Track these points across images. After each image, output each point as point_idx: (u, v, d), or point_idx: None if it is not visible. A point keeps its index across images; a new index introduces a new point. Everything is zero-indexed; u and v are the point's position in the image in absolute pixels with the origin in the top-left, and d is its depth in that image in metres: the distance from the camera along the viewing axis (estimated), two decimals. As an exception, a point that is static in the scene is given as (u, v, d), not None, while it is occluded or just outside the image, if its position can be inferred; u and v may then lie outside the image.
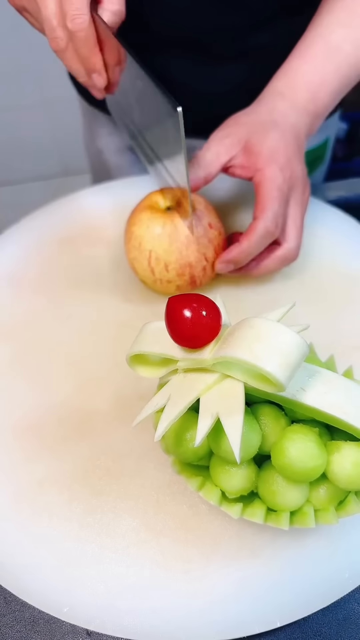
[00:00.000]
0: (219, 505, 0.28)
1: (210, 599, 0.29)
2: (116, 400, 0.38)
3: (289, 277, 0.46)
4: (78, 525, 0.32)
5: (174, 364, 0.27)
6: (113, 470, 0.34)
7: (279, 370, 0.23)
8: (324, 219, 0.51)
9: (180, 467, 0.30)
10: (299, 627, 0.29)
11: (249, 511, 0.28)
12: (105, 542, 0.31)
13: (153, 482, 0.33)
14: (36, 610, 0.30)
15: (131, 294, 0.45)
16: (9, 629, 0.30)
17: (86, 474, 0.34)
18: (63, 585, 0.30)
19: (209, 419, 0.25)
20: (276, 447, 0.26)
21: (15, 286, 0.46)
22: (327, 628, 0.29)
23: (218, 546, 0.31)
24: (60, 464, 0.35)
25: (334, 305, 0.43)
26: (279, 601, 0.29)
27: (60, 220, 0.52)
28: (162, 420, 0.26)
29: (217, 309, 0.26)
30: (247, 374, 0.25)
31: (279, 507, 0.27)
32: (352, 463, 0.25)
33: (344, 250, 0.48)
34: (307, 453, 0.25)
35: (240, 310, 0.43)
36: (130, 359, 0.29)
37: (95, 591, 0.30)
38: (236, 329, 0.25)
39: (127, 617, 0.29)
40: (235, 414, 0.24)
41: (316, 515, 0.27)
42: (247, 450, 0.26)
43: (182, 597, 0.29)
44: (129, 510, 0.32)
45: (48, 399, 0.38)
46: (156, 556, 0.31)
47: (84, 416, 0.37)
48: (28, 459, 0.35)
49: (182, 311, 0.25)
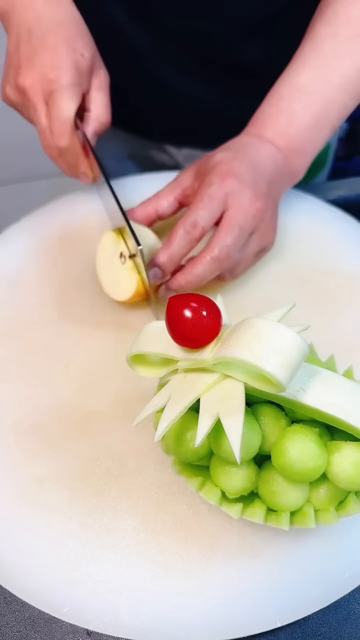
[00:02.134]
0: (219, 505, 0.28)
1: (210, 599, 0.29)
2: (116, 400, 0.38)
3: (288, 277, 0.46)
4: (78, 525, 0.32)
5: (174, 364, 0.27)
6: (113, 470, 0.34)
7: (279, 370, 0.23)
8: (324, 219, 0.51)
9: (180, 467, 0.30)
10: (299, 627, 0.29)
11: (249, 511, 0.28)
12: (105, 542, 0.31)
13: (153, 482, 0.33)
14: (36, 610, 0.30)
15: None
16: (9, 629, 0.30)
17: (86, 473, 0.34)
18: (63, 585, 0.30)
19: (209, 419, 0.25)
20: (276, 447, 0.26)
21: (15, 286, 0.46)
22: (327, 628, 0.30)
23: (218, 546, 0.31)
24: (60, 464, 0.35)
25: (334, 305, 0.43)
26: (279, 601, 0.29)
27: (60, 220, 0.52)
28: (162, 420, 0.25)
29: (218, 309, 0.26)
30: (247, 374, 0.25)
31: (279, 507, 0.27)
32: (352, 463, 0.25)
33: (344, 250, 0.48)
34: (307, 453, 0.25)
35: (240, 310, 0.43)
36: (131, 359, 0.29)
37: (95, 591, 0.30)
38: (236, 329, 0.25)
39: (127, 617, 0.29)
40: (235, 414, 0.24)
41: (316, 515, 0.27)
42: (247, 451, 0.26)
43: (182, 597, 0.29)
44: (129, 510, 0.32)
45: (48, 399, 0.38)
46: (156, 556, 0.31)
47: (84, 416, 0.37)
48: (28, 459, 0.35)
49: (183, 311, 0.25)
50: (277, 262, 0.47)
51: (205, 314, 0.25)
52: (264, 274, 0.46)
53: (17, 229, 0.52)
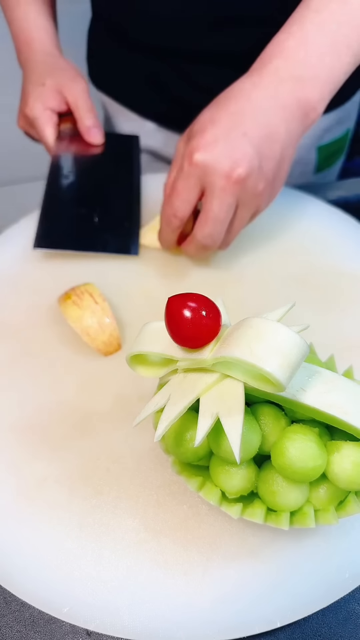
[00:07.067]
0: (219, 505, 0.28)
1: (210, 599, 0.29)
2: (116, 400, 0.38)
3: (289, 277, 0.46)
4: (78, 525, 0.32)
5: (174, 364, 0.27)
6: (113, 470, 0.34)
7: (279, 370, 0.23)
8: (324, 219, 0.51)
9: (180, 467, 0.30)
10: (299, 627, 0.29)
11: (249, 511, 0.28)
12: (105, 542, 0.31)
13: (153, 482, 0.33)
14: (36, 610, 0.30)
15: (131, 293, 0.45)
16: (9, 629, 0.30)
17: (86, 473, 0.34)
18: (63, 585, 0.30)
19: (209, 419, 0.25)
20: (276, 447, 0.26)
21: (15, 286, 0.46)
22: (327, 628, 0.29)
23: (218, 546, 0.31)
24: (60, 464, 0.35)
25: (334, 305, 0.43)
26: (279, 601, 0.29)
27: (60, 220, 0.52)
28: (162, 420, 0.25)
29: (217, 309, 0.26)
30: (247, 374, 0.25)
31: (279, 507, 0.27)
32: (352, 463, 0.25)
33: (344, 250, 0.48)
34: (307, 453, 0.25)
35: (241, 310, 0.43)
36: (130, 359, 0.29)
37: (95, 591, 0.30)
38: (236, 329, 0.25)
39: (127, 617, 0.29)
40: (235, 414, 0.24)
41: (316, 515, 0.27)
42: (247, 451, 0.26)
43: (182, 597, 0.29)
44: (129, 510, 0.32)
45: (48, 399, 0.38)
46: (156, 556, 0.31)
47: (84, 416, 0.37)
48: (28, 459, 0.35)
49: (182, 311, 0.25)
50: (277, 262, 0.47)
51: (205, 313, 0.25)
52: (264, 274, 0.46)
53: (17, 230, 0.52)
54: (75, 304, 0.40)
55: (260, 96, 0.38)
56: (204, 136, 0.38)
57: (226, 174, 0.37)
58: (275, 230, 0.50)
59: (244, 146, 0.37)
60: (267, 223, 0.50)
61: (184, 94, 0.58)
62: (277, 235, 0.49)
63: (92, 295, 0.41)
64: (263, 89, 0.38)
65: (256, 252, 0.48)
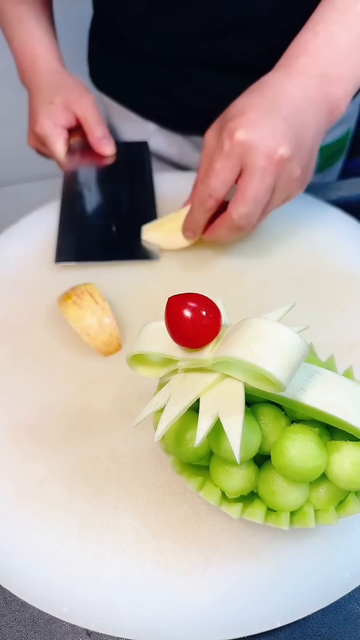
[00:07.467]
0: (219, 505, 0.28)
1: (210, 599, 0.29)
2: (116, 400, 0.38)
3: (289, 277, 0.46)
4: (78, 525, 0.32)
5: (174, 364, 0.27)
6: (113, 470, 0.34)
7: (279, 370, 0.23)
8: (324, 219, 0.51)
9: (180, 467, 0.30)
10: (299, 627, 0.29)
11: (249, 511, 0.28)
12: (105, 542, 0.31)
13: (153, 482, 0.33)
14: (36, 610, 0.30)
15: (131, 292, 0.45)
16: (9, 629, 0.30)
17: (86, 473, 0.34)
18: (63, 585, 0.30)
19: (209, 419, 0.25)
20: (276, 447, 0.26)
21: (15, 286, 0.46)
22: (327, 628, 0.29)
23: (218, 546, 0.31)
24: (60, 464, 0.35)
25: (334, 305, 0.43)
26: (279, 601, 0.29)
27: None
28: (162, 420, 0.25)
29: (217, 309, 0.26)
30: (247, 374, 0.25)
31: (279, 507, 0.27)
32: (352, 463, 0.25)
33: (344, 250, 0.48)
34: (307, 453, 0.25)
35: (240, 310, 0.43)
36: (130, 359, 0.29)
37: (95, 591, 0.30)
38: (236, 329, 0.25)
39: (127, 617, 0.29)
40: (235, 414, 0.24)
41: (316, 515, 0.27)
42: (247, 451, 0.26)
43: (182, 597, 0.29)
44: (129, 510, 0.32)
45: (48, 399, 0.38)
46: (156, 556, 0.31)
47: (84, 416, 0.37)
48: (28, 459, 0.35)
49: (182, 311, 0.25)
50: (278, 262, 0.47)
51: (205, 313, 0.25)
52: (264, 274, 0.46)
53: (17, 230, 0.52)
54: (76, 303, 0.40)
55: (292, 87, 0.39)
56: (245, 117, 0.38)
57: (269, 153, 0.37)
58: (275, 230, 0.50)
59: (285, 129, 0.37)
60: (267, 223, 0.50)
61: (185, 96, 0.58)
62: (277, 235, 0.49)
63: (92, 295, 0.41)
64: (294, 81, 0.39)
65: (256, 252, 0.48)
